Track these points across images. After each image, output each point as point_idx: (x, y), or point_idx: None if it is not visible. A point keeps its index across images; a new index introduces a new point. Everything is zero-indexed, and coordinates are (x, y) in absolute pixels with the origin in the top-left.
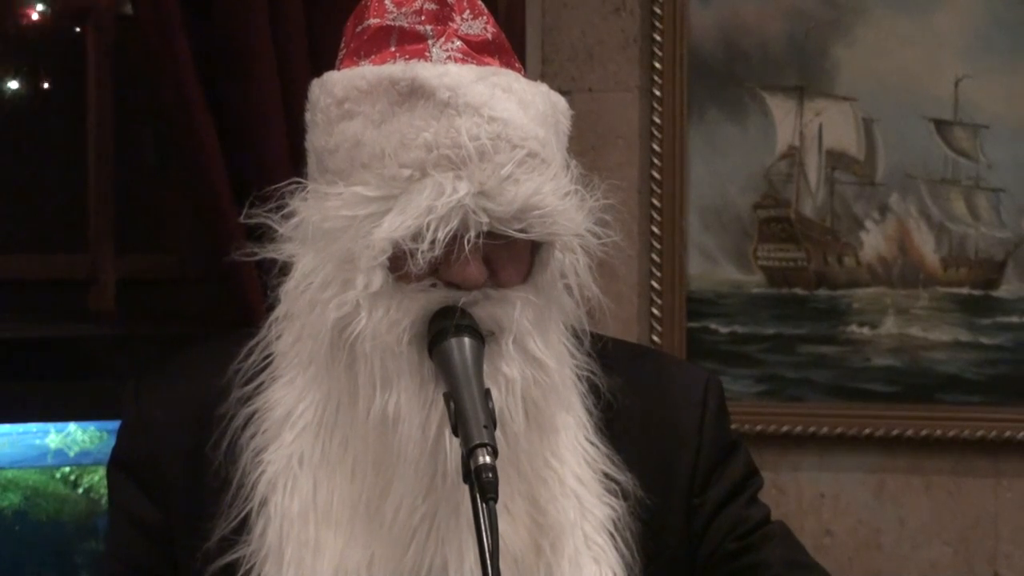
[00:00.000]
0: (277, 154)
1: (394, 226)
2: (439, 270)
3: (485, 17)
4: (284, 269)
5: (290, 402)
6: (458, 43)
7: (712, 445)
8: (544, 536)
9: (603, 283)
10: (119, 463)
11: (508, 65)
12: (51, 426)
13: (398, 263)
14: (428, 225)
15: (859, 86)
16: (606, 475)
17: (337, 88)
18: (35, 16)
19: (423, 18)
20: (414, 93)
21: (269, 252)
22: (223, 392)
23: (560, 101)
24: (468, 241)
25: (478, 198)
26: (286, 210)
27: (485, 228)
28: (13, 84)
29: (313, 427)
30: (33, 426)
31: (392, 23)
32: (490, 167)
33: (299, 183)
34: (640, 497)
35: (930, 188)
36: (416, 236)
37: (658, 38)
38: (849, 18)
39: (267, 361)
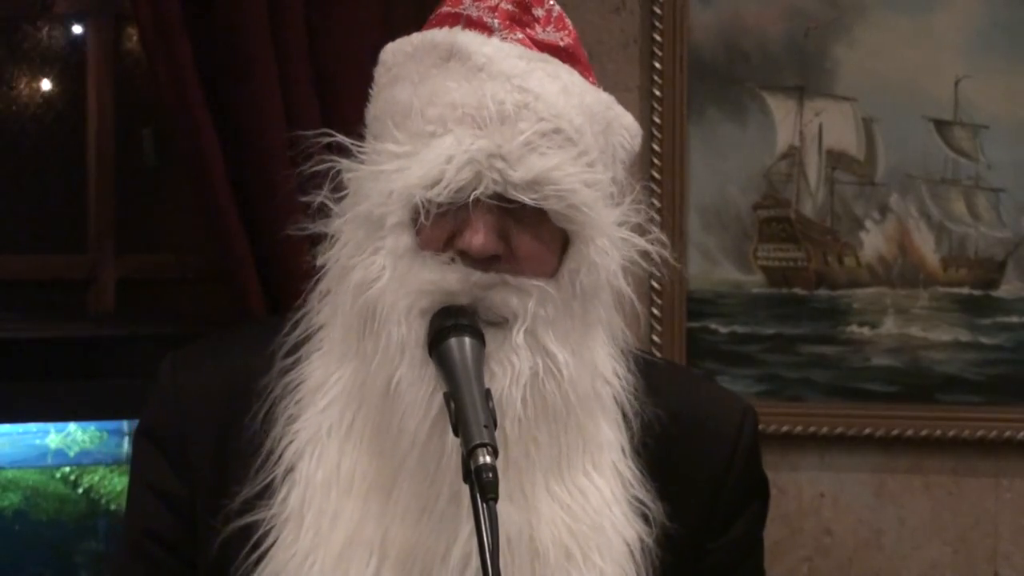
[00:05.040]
0: (277, 154)
1: (413, 177)
2: (455, 240)
3: (567, 31)
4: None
5: (323, 373)
6: (520, 35)
7: (737, 486)
8: (573, 539)
9: None
10: (147, 432)
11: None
12: (51, 426)
13: (423, 229)
14: (443, 173)
15: (859, 86)
16: (635, 498)
17: (387, 55)
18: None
19: (496, 14)
20: (453, 56)
21: (319, 227)
22: (265, 366)
23: (625, 117)
24: (480, 201)
25: (494, 159)
26: (340, 193)
27: (498, 188)
28: (13, 84)
29: (343, 398)
30: (33, 426)
31: (462, 11)
32: (509, 131)
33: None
34: (665, 526)
35: (930, 188)
36: (433, 186)
37: (658, 38)
38: (849, 18)
39: (308, 333)
